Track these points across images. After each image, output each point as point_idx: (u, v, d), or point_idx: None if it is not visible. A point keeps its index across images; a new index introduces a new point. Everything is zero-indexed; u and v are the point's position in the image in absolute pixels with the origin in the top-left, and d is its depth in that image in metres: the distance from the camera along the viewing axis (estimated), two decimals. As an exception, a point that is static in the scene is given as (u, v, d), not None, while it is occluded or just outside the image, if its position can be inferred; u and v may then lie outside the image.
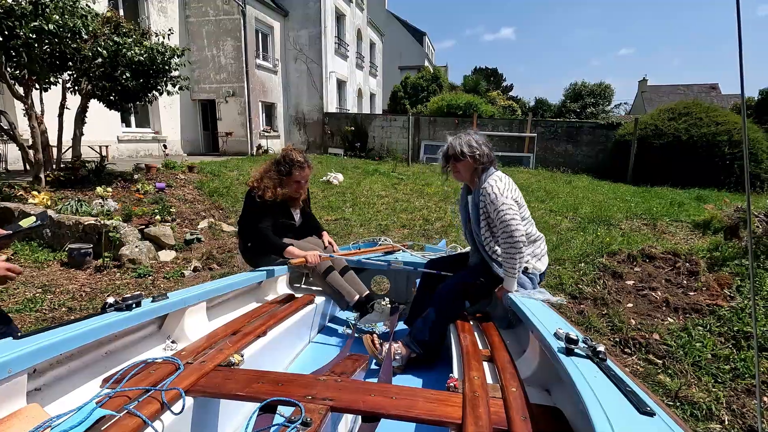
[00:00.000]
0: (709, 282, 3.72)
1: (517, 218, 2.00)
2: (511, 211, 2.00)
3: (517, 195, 2.12)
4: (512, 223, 1.97)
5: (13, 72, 5.95)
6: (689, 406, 2.35)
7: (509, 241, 1.98)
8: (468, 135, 2.19)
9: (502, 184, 2.08)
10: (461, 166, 2.18)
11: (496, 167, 2.21)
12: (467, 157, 2.13)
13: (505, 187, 2.07)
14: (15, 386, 1.04)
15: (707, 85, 29.78)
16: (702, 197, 8.17)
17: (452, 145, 2.18)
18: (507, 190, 2.06)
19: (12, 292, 3.77)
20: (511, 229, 1.97)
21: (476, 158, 2.12)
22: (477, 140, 2.16)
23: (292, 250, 2.45)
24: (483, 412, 1.17)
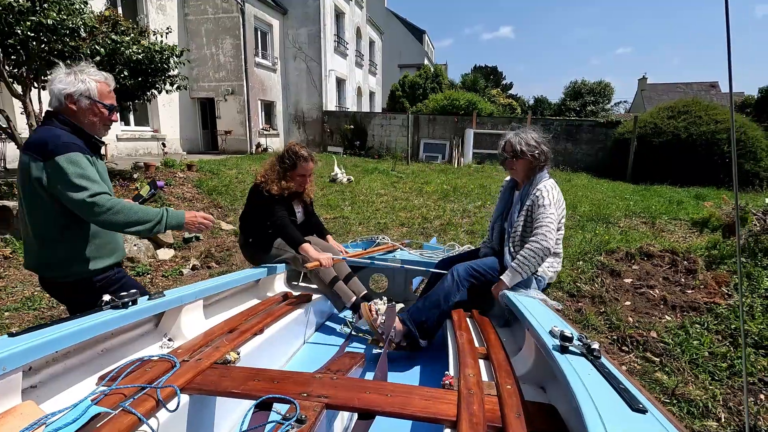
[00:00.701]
0: (707, 280, 3.73)
1: (554, 231, 2.05)
2: (552, 224, 2.05)
3: (562, 210, 2.16)
4: (548, 235, 2.03)
5: (11, 70, 5.94)
6: (686, 403, 2.36)
7: (536, 247, 2.02)
8: (526, 133, 2.21)
9: (556, 193, 2.13)
10: (519, 165, 2.21)
11: (549, 173, 2.25)
12: (526, 155, 2.16)
13: (556, 199, 2.11)
14: (9, 384, 1.04)
15: (707, 83, 29.75)
16: (701, 195, 8.17)
17: (511, 142, 2.21)
18: (557, 202, 2.11)
19: (11, 290, 3.77)
20: (546, 238, 2.02)
21: (535, 157, 2.16)
22: (536, 139, 2.18)
23: (308, 248, 2.43)
24: (478, 409, 1.18)
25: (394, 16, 32.62)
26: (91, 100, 1.69)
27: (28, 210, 1.62)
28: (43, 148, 1.53)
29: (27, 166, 1.56)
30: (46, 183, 1.53)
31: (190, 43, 14.10)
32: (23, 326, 3.19)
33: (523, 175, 2.25)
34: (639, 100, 29.47)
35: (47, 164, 1.52)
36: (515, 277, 2.05)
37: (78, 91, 1.66)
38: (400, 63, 31.31)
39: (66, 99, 1.66)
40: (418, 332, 2.12)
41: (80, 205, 1.53)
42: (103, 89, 1.73)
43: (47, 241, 1.64)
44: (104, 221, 1.57)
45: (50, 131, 1.60)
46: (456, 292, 2.15)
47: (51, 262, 1.66)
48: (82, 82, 1.67)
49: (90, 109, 1.70)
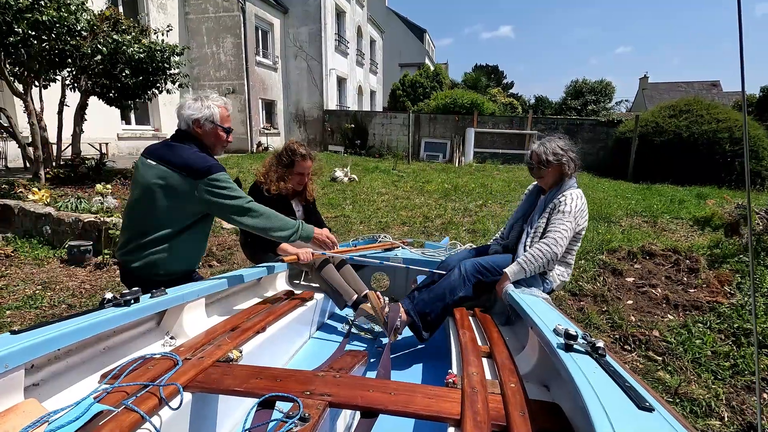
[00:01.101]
0: (710, 279, 3.72)
1: (566, 239, 2.07)
2: (567, 232, 2.08)
3: (584, 221, 2.17)
4: (560, 242, 2.05)
5: (12, 69, 5.95)
6: (689, 402, 2.35)
7: (545, 249, 2.04)
8: (552, 141, 2.22)
9: (580, 203, 2.14)
10: (547, 173, 2.23)
11: (577, 181, 2.27)
12: (553, 164, 2.18)
13: (578, 209, 2.12)
14: (12, 381, 1.04)
15: (708, 82, 29.71)
16: (702, 195, 8.16)
17: (537, 153, 2.23)
18: (579, 212, 2.12)
19: (12, 289, 3.77)
20: (556, 244, 2.04)
21: (563, 164, 2.18)
22: (563, 147, 2.19)
23: (285, 246, 2.45)
24: (481, 407, 1.17)
25: (395, 15, 32.59)
26: (213, 124, 1.91)
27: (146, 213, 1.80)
28: (193, 168, 1.75)
29: (169, 179, 1.76)
30: (198, 196, 1.76)
31: (190, 41, 14.09)
32: (25, 325, 3.19)
33: (551, 183, 2.27)
34: (640, 99, 29.42)
35: (201, 182, 1.75)
36: (519, 273, 2.05)
37: (204, 117, 1.88)
38: (401, 62, 31.28)
39: (193, 123, 1.88)
40: (422, 324, 2.12)
41: (239, 210, 1.80)
42: (223, 114, 1.95)
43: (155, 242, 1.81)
44: (255, 225, 1.84)
45: (194, 152, 1.82)
46: (462, 287, 2.15)
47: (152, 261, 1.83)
48: (207, 108, 1.89)
49: (213, 132, 1.92)
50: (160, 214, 1.80)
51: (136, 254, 1.83)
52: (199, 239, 2.00)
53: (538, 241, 2.10)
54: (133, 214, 1.86)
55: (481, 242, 5.03)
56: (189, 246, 1.93)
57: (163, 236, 1.81)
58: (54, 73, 6.42)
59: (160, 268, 1.85)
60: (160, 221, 1.80)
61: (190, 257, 1.98)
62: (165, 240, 1.82)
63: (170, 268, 1.88)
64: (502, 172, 11.45)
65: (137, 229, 1.83)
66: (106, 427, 0.98)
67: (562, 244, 2.05)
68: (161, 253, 1.83)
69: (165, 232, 1.81)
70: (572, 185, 2.22)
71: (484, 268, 2.19)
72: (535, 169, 2.27)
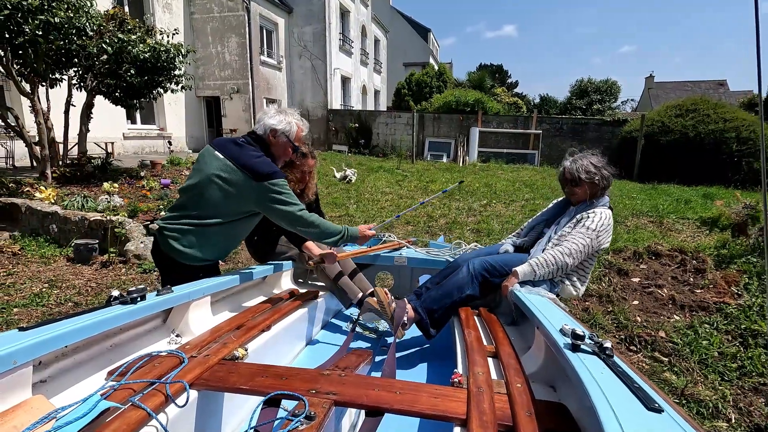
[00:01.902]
0: (717, 279, 3.69)
1: (581, 254, 2.05)
2: (585, 248, 2.05)
3: (606, 241, 2.14)
4: (574, 254, 2.03)
5: (19, 69, 5.99)
6: (695, 404, 2.33)
7: (558, 257, 2.02)
8: (585, 158, 2.20)
9: (606, 222, 2.11)
10: (579, 191, 2.21)
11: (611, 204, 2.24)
12: (585, 183, 2.17)
13: (603, 228, 2.09)
14: (20, 377, 1.04)
15: (715, 81, 29.49)
16: (709, 194, 8.10)
17: (569, 170, 2.21)
18: (603, 231, 2.09)
19: (19, 287, 3.80)
20: (570, 254, 2.02)
21: (595, 183, 2.16)
22: (595, 164, 2.17)
23: (311, 246, 2.46)
24: (487, 407, 1.17)
25: (400, 14, 32.56)
26: (288, 139, 2.04)
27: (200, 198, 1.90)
28: (257, 170, 1.86)
29: (234, 175, 1.86)
30: (255, 197, 1.87)
31: (195, 41, 14.15)
32: (32, 322, 3.21)
33: (584, 198, 2.25)
34: (646, 99, 29.25)
35: (261, 185, 1.85)
36: (529, 274, 2.03)
37: (282, 130, 2.01)
38: (405, 61, 31.25)
39: (270, 132, 2.01)
40: (429, 320, 2.11)
41: (290, 216, 1.91)
42: (299, 134, 2.09)
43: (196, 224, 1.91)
44: (305, 231, 1.97)
45: (261, 157, 1.93)
46: (469, 285, 2.14)
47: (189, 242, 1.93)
48: (288, 123, 2.03)
49: (284, 145, 2.05)
50: (213, 204, 1.89)
51: (177, 233, 1.92)
52: (236, 235, 2.07)
53: (553, 247, 2.08)
54: (188, 197, 1.96)
55: (486, 242, 5.02)
56: (225, 238, 2.02)
57: (208, 223, 1.91)
58: (60, 73, 6.47)
59: (193, 250, 1.93)
60: (211, 210, 1.90)
61: (221, 249, 2.06)
62: (208, 227, 1.91)
63: (203, 254, 1.95)
64: (507, 171, 11.41)
65: (186, 211, 1.94)
66: (112, 423, 0.98)
67: (575, 257, 2.03)
68: (200, 238, 1.92)
69: (212, 221, 1.91)
70: (604, 203, 2.20)
71: (493, 268, 2.17)
72: (568, 186, 2.26)
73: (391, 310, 2.07)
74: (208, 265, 2.05)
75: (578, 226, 2.11)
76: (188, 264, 1.95)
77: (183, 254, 1.92)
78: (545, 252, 2.08)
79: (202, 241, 1.93)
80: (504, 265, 2.19)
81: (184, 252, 1.92)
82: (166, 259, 1.98)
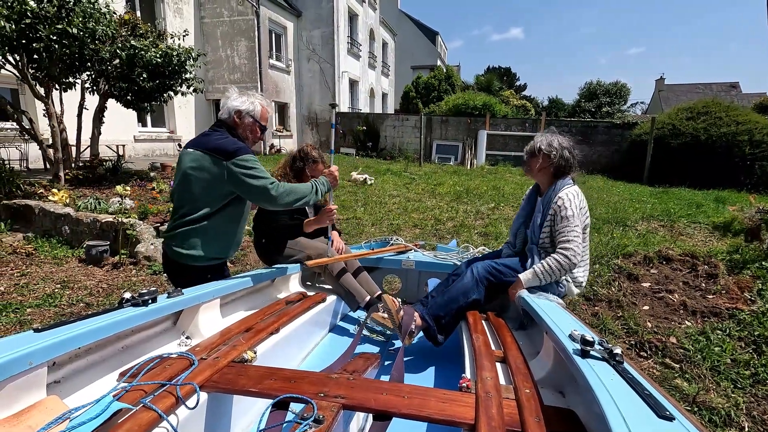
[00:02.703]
0: (729, 285, 3.63)
1: (579, 241, 2.01)
2: (578, 237, 2.02)
3: (586, 217, 2.11)
4: (576, 249, 2.00)
5: (34, 73, 6.11)
6: (707, 411, 2.30)
7: (564, 261, 1.99)
8: (554, 135, 2.18)
9: (578, 201, 2.07)
10: (533, 162, 2.19)
11: (575, 180, 2.20)
12: (541, 154, 2.13)
13: (579, 207, 2.06)
14: (35, 378, 1.06)
15: (727, 83, 29.10)
16: (721, 198, 7.98)
17: (534, 140, 2.20)
18: (580, 210, 2.06)
19: (32, 287, 3.86)
20: (575, 253, 1.99)
21: (550, 158, 2.12)
22: (560, 142, 2.14)
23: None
24: (496, 413, 1.16)
25: (407, 17, 32.62)
26: (253, 119, 2.05)
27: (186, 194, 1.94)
28: (223, 149, 1.88)
29: (203, 161, 1.89)
30: (227, 177, 1.87)
31: (205, 45, 14.30)
32: (44, 322, 3.26)
33: (538, 176, 2.22)
34: (656, 101, 28.94)
35: (230, 162, 1.86)
36: (533, 281, 2.03)
37: (246, 110, 2.03)
38: (413, 64, 31.27)
39: (235, 114, 2.03)
40: (436, 327, 2.11)
41: (262, 190, 1.90)
42: (264, 113, 2.10)
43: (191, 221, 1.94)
44: (280, 202, 1.95)
45: (226, 137, 1.96)
46: (475, 289, 2.13)
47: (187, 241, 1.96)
48: (252, 103, 2.05)
49: (250, 125, 2.06)
50: (196, 196, 1.93)
51: (176, 237, 1.97)
52: (232, 223, 2.08)
53: (554, 252, 2.05)
54: (175, 200, 2.02)
55: (494, 245, 5.00)
56: (222, 229, 2.04)
57: (198, 217, 1.94)
58: (74, 77, 6.58)
59: (195, 250, 1.97)
60: (196, 203, 1.94)
61: (222, 244, 2.07)
62: (200, 220, 1.95)
63: (205, 252, 1.98)
64: (515, 174, 11.35)
65: (178, 212, 1.98)
66: (125, 425, 1.00)
67: (578, 251, 2.01)
68: (199, 236, 1.96)
69: (200, 213, 1.94)
70: (567, 184, 2.14)
71: (496, 270, 2.17)
72: (527, 157, 2.23)
73: (399, 317, 2.07)
74: (215, 265, 2.09)
75: (559, 221, 2.06)
76: (194, 265, 1.99)
77: (187, 256, 1.96)
78: (549, 258, 2.04)
79: (201, 238, 1.96)
80: (508, 267, 2.18)
81: (188, 254, 1.96)
82: (173, 265, 2.02)
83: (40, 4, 5.28)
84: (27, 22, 5.10)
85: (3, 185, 5.82)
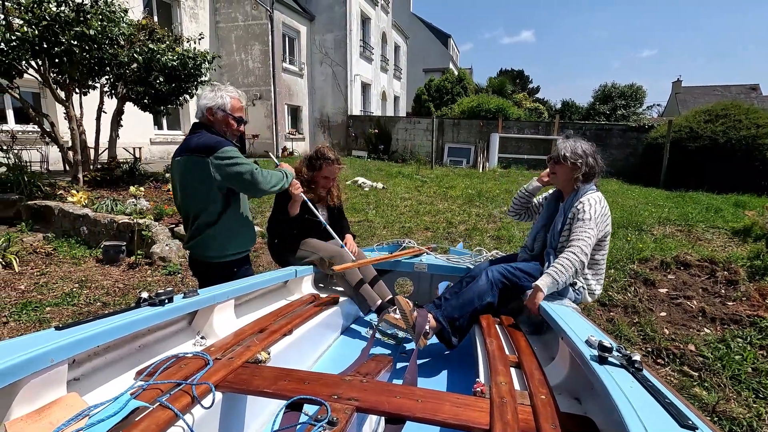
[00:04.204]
0: (750, 292, 3.54)
1: (590, 247, 2.00)
2: (590, 239, 2.00)
3: (606, 225, 2.09)
4: (585, 249, 1.98)
5: (55, 77, 6.27)
6: (728, 421, 2.24)
7: (572, 258, 1.97)
8: (576, 140, 2.16)
9: (599, 207, 2.06)
10: (559, 170, 2.17)
11: (597, 185, 2.19)
12: (567, 162, 2.12)
13: (599, 213, 2.05)
14: (57, 375, 1.08)
15: (747, 86, 28.43)
16: (740, 203, 7.79)
17: (557, 146, 2.17)
18: (600, 216, 2.04)
19: (51, 286, 3.95)
20: (582, 252, 1.97)
21: (577, 166, 2.10)
22: (584, 149, 2.13)
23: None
24: (511, 418, 1.15)
25: (420, 20, 32.65)
26: (225, 113, 2.03)
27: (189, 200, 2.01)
28: (204, 146, 1.92)
29: (190, 164, 1.93)
30: (214, 171, 1.90)
31: (220, 49, 14.51)
32: (63, 321, 3.33)
33: (563, 183, 2.21)
34: (673, 104, 28.42)
35: (213, 156, 1.89)
36: (552, 285, 1.95)
37: (216, 105, 2.01)
38: (425, 67, 31.26)
39: (206, 112, 2.03)
40: (451, 329, 2.09)
41: (248, 176, 1.93)
42: (235, 104, 2.06)
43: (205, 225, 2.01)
44: (264, 186, 1.99)
45: (205, 135, 1.98)
46: (489, 292, 2.11)
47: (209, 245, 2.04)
48: (221, 97, 2.02)
49: (224, 120, 2.04)
50: (196, 199, 1.99)
51: (199, 245, 2.05)
52: (241, 217, 2.13)
53: (564, 251, 2.03)
54: (182, 211, 2.09)
55: (506, 249, 4.95)
56: (239, 222, 2.10)
57: (212, 220, 2.00)
58: (93, 81, 6.73)
59: (213, 250, 2.05)
60: (199, 205, 2.00)
61: (239, 237, 2.12)
62: (215, 222, 2.00)
63: (224, 250, 2.07)
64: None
65: (190, 220, 2.05)
66: (142, 423, 1.01)
67: (587, 252, 1.98)
68: (211, 234, 2.02)
69: (211, 214, 2.00)
70: (590, 189, 2.14)
71: (512, 274, 2.15)
72: (550, 163, 2.23)
73: (413, 318, 2.06)
74: (240, 258, 2.17)
75: (576, 221, 2.06)
76: (221, 262, 2.07)
77: (211, 256, 2.04)
78: (559, 258, 2.02)
79: (221, 237, 2.04)
80: (523, 273, 2.16)
81: (212, 254, 2.04)
82: (201, 266, 2.11)
83: (60, 8, 5.42)
84: (45, 25, 5.24)
85: (24, 186, 5.97)
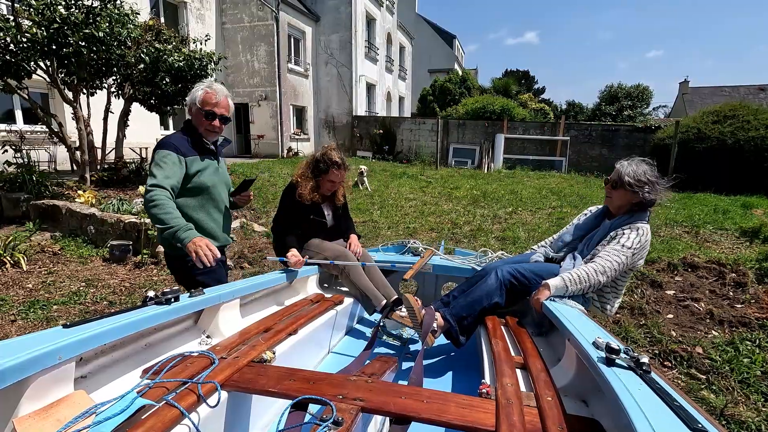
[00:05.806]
0: (759, 294, 3.50)
1: (615, 271, 1.94)
2: (619, 266, 1.94)
3: (640, 258, 2.02)
4: (608, 272, 1.92)
5: (63, 78, 6.32)
6: (736, 425, 2.21)
7: (592, 273, 1.92)
8: (639, 164, 2.03)
9: (644, 239, 1.98)
10: (616, 194, 2.06)
11: (650, 215, 2.09)
12: (627, 189, 2.00)
13: (640, 245, 1.96)
14: (64, 373, 1.09)
15: (755, 86, 28.11)
16: (749, 204, 7.71)
17: (619, 170, 2.04)
18: (639, 248, 1.97)
19: (59, 285, 3.98)
20: (604, 272, 1.92)
21: (636, 193, 1.98)
22: (648, 177, 1.98)
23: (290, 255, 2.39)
24: (517, 420, 1.14)
25: (425, 21, 32.61)
26: (196, 107, 1.96)
27: None
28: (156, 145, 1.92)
29: None
30: None
31: (226, 50, 14.58)
32: (70, 319, 3.36)
33: (617, 208, 2.12)
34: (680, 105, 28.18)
35: None
36: (561, 289, 1.92)
37: (190, 101, 1.98)
38: (430, 68, 31.22)
39: (188, 109, 2.02)
40: (458, 328, 2.08)
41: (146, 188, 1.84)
42: (207, 98, 1.96)
43: None
44: (146, 209, 1.83)
45: (171, 134, 1.97)
46: (497, 292, 2.09)
47: None
48: (194, 93, 1.97)
49: (197, 115, 1.99)
50: None
51: None
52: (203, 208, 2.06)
53: (587, 263, 1.98)
54: None
55: (511, 249, 4.93)
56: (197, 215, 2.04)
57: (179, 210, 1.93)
58: (101, 81, 6.78)
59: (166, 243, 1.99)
60: None
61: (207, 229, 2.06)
62: None
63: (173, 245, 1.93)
64: (533, 178, 11.21)
65: None
66: (148, 421, 1.01)
67: (609, 275, 1.92)
68: None
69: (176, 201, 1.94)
70: (643, 219, 2.03)
71: (522, 276, 2.12)
72: (608, 186, 2.11)
73: (421, 316, 2.05)
74: None
75: (613, 242, 1.98)
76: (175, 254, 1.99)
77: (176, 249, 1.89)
78: (578, 268, 1.97)
79: None
80: (534, 274, 2.13)
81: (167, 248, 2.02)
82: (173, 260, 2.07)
83: (69, 10, 5.48)
84: (56, 27, 5.29)
85: (32, 186, 6.03)
